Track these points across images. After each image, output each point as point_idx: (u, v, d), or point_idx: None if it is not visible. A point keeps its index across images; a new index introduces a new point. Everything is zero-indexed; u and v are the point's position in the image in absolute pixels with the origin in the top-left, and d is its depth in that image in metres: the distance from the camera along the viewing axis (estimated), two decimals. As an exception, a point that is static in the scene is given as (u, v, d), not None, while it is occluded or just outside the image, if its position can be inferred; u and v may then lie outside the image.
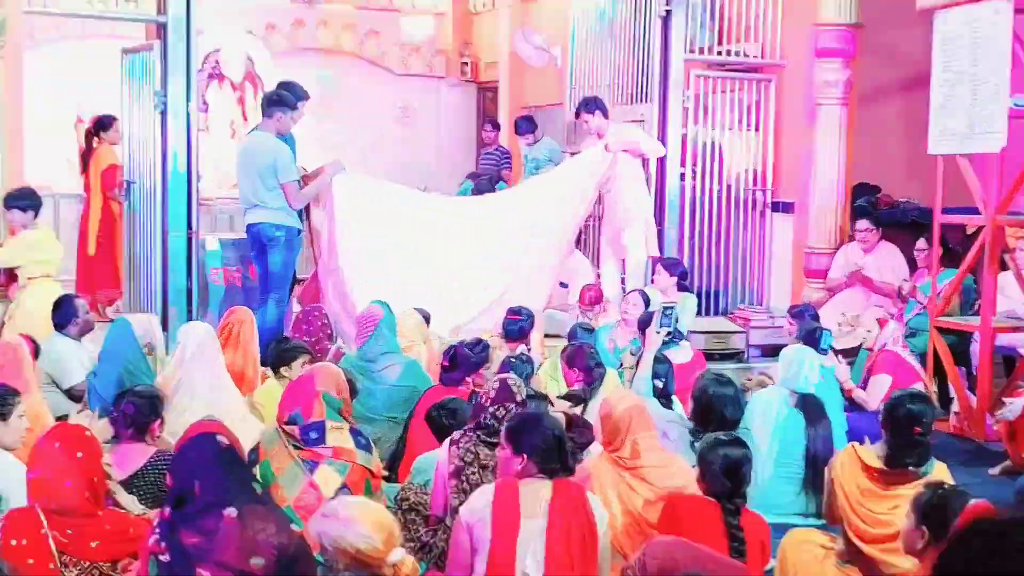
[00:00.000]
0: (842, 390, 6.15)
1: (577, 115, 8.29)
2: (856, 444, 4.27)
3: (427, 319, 6.67)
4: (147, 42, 7.61)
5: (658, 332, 5.63)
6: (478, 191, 9.33)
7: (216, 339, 5.50)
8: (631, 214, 8.00)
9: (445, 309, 7.04)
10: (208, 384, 5.18)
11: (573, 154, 9.13)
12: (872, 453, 4.18)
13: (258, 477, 4.11)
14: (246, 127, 10.90)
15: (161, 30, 7.26)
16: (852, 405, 6.27)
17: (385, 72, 13.02)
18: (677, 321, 6.34)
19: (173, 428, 4.45)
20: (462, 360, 5.48)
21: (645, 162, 8.24)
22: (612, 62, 9.03)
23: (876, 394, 6.21)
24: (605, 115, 8.07)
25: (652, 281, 7.76)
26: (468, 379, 5.48)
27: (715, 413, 4.88)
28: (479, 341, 5.72)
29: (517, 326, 6.54)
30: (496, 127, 11.64)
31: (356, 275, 7.15)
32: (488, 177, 10.11)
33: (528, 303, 7.01)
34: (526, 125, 10.28)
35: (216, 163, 11.21)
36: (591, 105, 8.10)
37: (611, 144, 7.83)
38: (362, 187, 7.33)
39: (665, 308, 5.68)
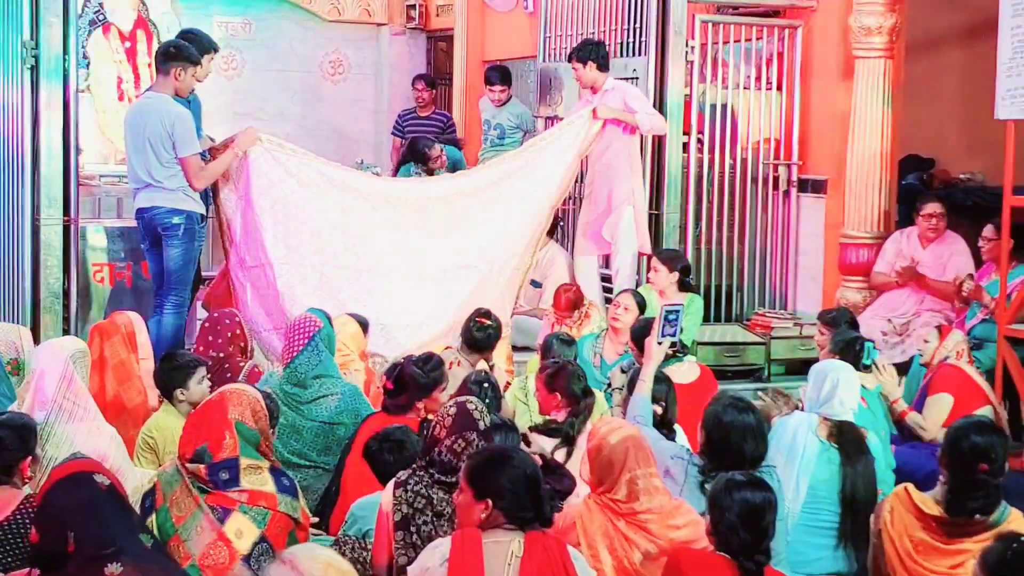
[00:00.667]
0: (892, 413, 6.17)
1: (569, 60, 8.29)
2: (909, 486, 4.28)
3: (364, 327, 6.63)
4: (12, -21, 7.54)
5: (660, 342, 5.62)
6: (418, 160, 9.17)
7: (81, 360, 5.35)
8: (619, 197, 8.01)
9: (402, 321, 7.00)
10: (88, 428, 5.06)
11: (549, 120, 9.13)
12: (929, 497, 4.19)
13: (153, 528, 4.08)
14: (138, 88, 10.86)
15: (31, -36, 7.20)
16: (903, 434, 6.30)
17: (312, 17, 12.97)
18: (682, 331, 6.34)
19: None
20: (409, 381, 5.45)
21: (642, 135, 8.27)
22: (595, 5, 9.04)
23: (935, 419, 6.25)
24: (602, 67, 8.08)
25: (647, 279, 7.77)
26: (418, 405, 5.46)
27: (731, 447, 4.88)
28: (431, 357, 5.69)
29: (484, 333, 6.52)
30: (431, 85, 11.34)
31: (290, 274, 7.14)
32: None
33: (499, 308, 7.00)
34: (500, 77, 10.05)
35: (100, 132, 11.17)
36: (584, 52, 8.11)
37: (600, 110, 7.83)
38: (287, 162, 7.28)
39: (668, 312, 5.67)
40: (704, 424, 4.99)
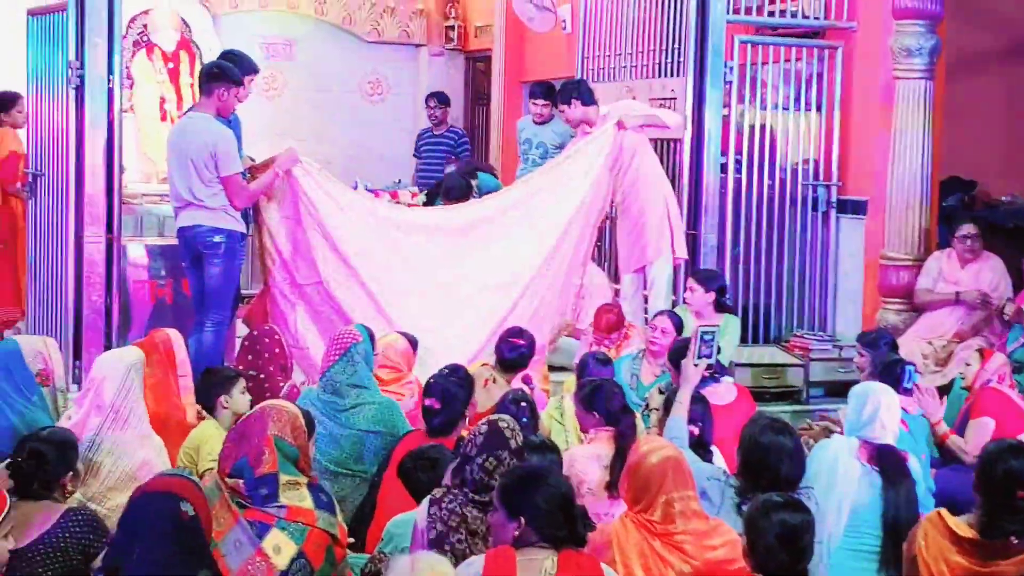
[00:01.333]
0: (933, 436, 6.13)
1: (556, 105, 8.40)
2: (942, 510, 4.25)
3: (414, 346, 6.69)
4: (59, 1, 7.62)
5: (696, 364, 5.61)
6: (452, 198, 9.02)
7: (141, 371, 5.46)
8: (652, 207, 8.03)
9: (439, 344, 7.04)
10: (138, 436, 5.14)
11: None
12: (963, 521, 4.16)
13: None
14: (180, 108, 10.95)
15: (77, -15, 7.29)
16: (944, 457, 6.26)
17: (352, 38, 13.06)
18: (719, 351, 6.33)
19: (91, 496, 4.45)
20: (451, 398, 5.47)
21: (673, 150, 8.28)
22: (634, 25, 9.06)
23: (976, 443, 6.19)
24: (587, 101, 8.15)
25: (684, 300, 7.77)
26: (459, 425, 5.47)
27: (769, 469, 4.86)
28: (456, 367, 5.72)
29: (517, 352, 6.54)
30: (444, 102, 11.34)
31: (343, 292, 7.24)
32: (460, 173, 9.74)
33: (536, 328, 7.03)
34: (543, 92, 9.87)
35: (142, 152, 11.25)
36: (564, 93, 8.23)
37: (626, 120, 7.86)
38: (325, 184, 7.37)
39: (704, 333, 5.66)
40: (741, 445, 4.97)
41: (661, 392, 6.08)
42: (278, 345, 6.46)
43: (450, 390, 5.45)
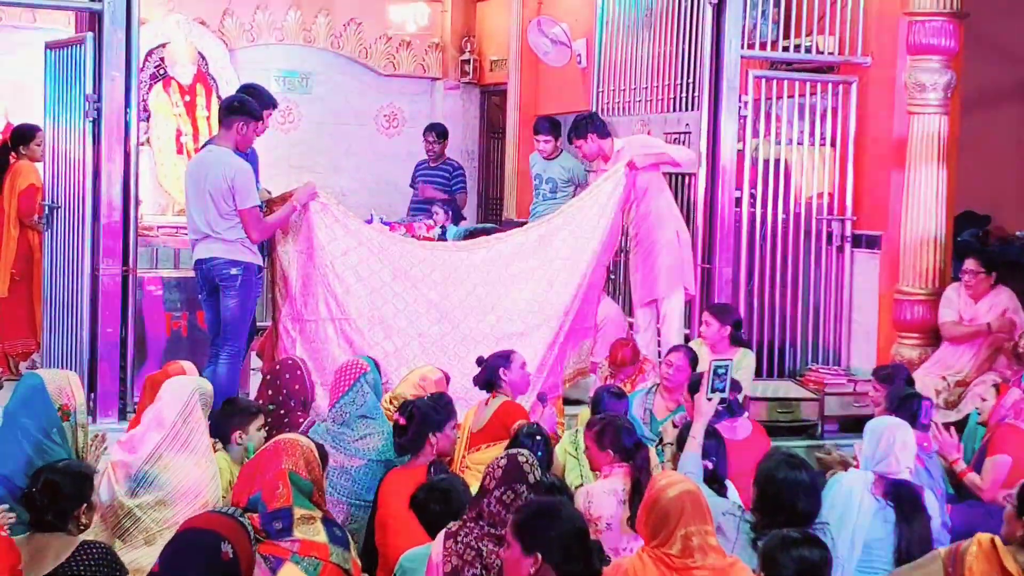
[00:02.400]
0: (949, 473, 6.10)
1: (569, 142, 8.49)
2: (996, 538, 4.19)
3: (447, 380, 6.69)
4: (77, 35, 7.68)
5: (709, 397, 5.59)
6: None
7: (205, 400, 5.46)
8: (664, 242, 8.03)
9: (463, 379, 7.04)
10: (194, 461, 5.15)
11: (600, 174, 9.20)
12: (1008, 552, 4.10)
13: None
14: (196, 141, 11.00)
15: (95, 19, 7.34)
16: (960, 493, 6.23)
17: (368, 72, 13.12)
18: (739, 390, 6.33)
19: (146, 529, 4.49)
20: (419, 416, 5.52)
21: (688, 184, 8.30)
22: (649, 59, 9.09)
23: (993, 480, 6.17)
24: (602, 134, 8.21)
25: (699, 333, 7.76)
26: (430, 440, 5.52)
27: (785, 504, 4.84)
28: (441, 395, 5.79)
29: (481, 374, 6.56)
30: (443, 136, 11.34)
31: (351, 329, 7.27)
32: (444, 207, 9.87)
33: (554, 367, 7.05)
34: (546, 127, 9.94)
35: (158, 184, 11.31)
36: (579, 128, 8.30)
37: (638, 159, 7.88)
38: (343, 219, 7.38)
39: (717, 367, 5.64)
40: (757, 481, 4.96)
41: (675, 426, 6.08)
42: (298, 380, 6.45)
43: (419, 410, 5.52)
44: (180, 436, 5.12)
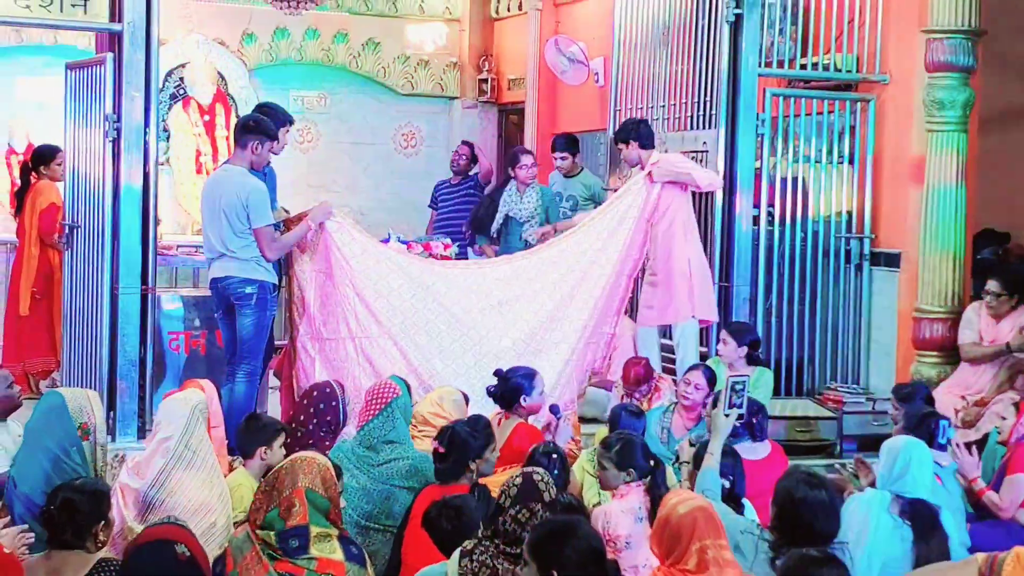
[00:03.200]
0: (969, 492, 6.07)
1: (615, 143, 8.42)
2: None
3: (467, 400, 6.70)
4: (97, 55, 7.73)
5: (727, 414, 5.58)
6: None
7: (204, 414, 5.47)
8: (677, 265, 8.01)
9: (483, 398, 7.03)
10: (200, 479, 5.17)
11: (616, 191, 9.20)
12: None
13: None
14: (216, 160, 11.07)
15: (115, 40, 7.37)
16: (979, 512, 6.20)
17: (386, 91, 13.17)
18: (764, 413, 6.32)
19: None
20: (460, 443, 5.47)
21: (705, 202, 8.28)
22: (666, 78, 9.09)
23: (1012, 499, 6.14)
24: (645, 144, 8.13)
25: (717, 352, 7.74)
26: (470, 467, 5.48)
27: (803, 523, 4.82)
28: (479, 418, 5.76)
29: (496, 388, 6.55)
30: (472, 153, 11.30)
31: (372, 348, 7.27)
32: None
33: (564, 384, 7.05)
34: (561, 144, 10.03)
35: (178, 204, 11.38)
36: (624, 132, 8.22)
37: (656, 173, 7.87)
38: (360, 238, 7.39)
39: (735, 383, 5.64)
40: (775, 499, 4.94)
41: (692, 445, 6.06)
42: (332, 411, 6.39)
43: (459, 436, 5.47)
44: (183, 458, 5.12)
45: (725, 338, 7.59)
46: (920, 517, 5.24)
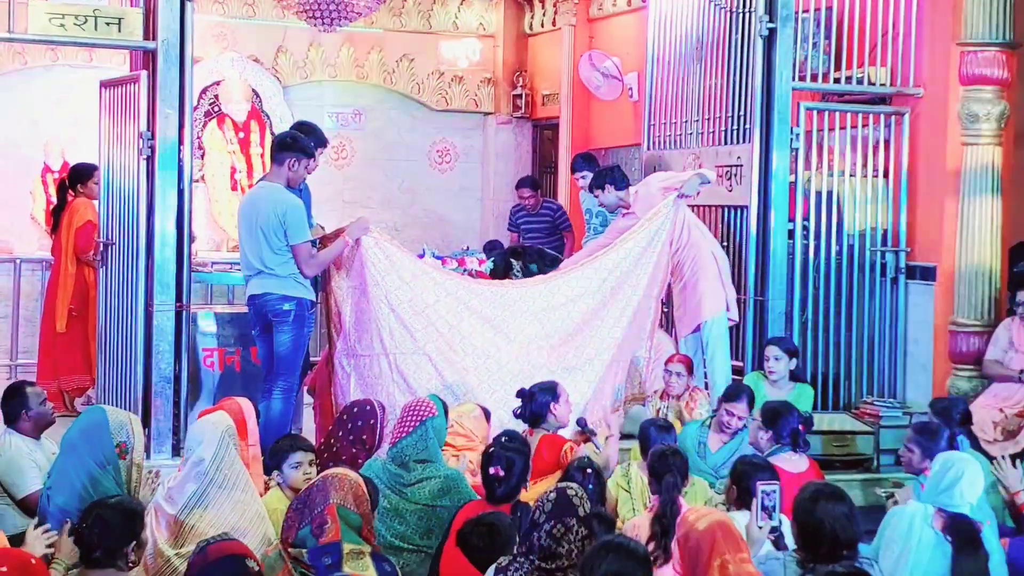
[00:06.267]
0: (1010, 506, 6.01)
1: (590, 190, 8.62)
2: None
3: (487, 416, 6.69)
4: (132, 73, 7.77)
5: (760, 526, 5.23)
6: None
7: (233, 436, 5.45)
8: (701, 265, 8.02)
9: (503, 420, 6.98)
10: (235, 500, 5.13)
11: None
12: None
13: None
14: (250, 177, 11.11)
15: (149, 58, 7.42)
16: (1020, 526, 6.12)
17: (420, 107, 13.19)
18: (809, 424, 6.32)
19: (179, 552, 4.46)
20: (522, 468, 5.46)
21: (740, 216, 8.28)
22: (700, 93, 9.07)
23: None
24: (620, 186, 8.32)
25: (768, 370, 7.71)
26: (524, 488, 5.45)
27: (826, 537, 4.77)
28: (516, 434, 5.71)
29: (524, 409, 6.58)
30: (534, 187, 11.28)
31: (406, 364, 7.26)
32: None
33: (596, 400, 7.06)
34: (583, 162, 10.04)
35: (213, 221, 11.42)
36: (599, 180, 8.41)
37: (685, 187, 7.92)
38: (394, 255, 7.37)
39: (764, 492, 5.08)
40: (795, 517, 4.89)
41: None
42: (369, 429, 6.32)
43: (513, 458, 5.42)
44: (215, 481, 5.09)
45: (778, 354, 7.60)
46: (961, 533, 5.20)
